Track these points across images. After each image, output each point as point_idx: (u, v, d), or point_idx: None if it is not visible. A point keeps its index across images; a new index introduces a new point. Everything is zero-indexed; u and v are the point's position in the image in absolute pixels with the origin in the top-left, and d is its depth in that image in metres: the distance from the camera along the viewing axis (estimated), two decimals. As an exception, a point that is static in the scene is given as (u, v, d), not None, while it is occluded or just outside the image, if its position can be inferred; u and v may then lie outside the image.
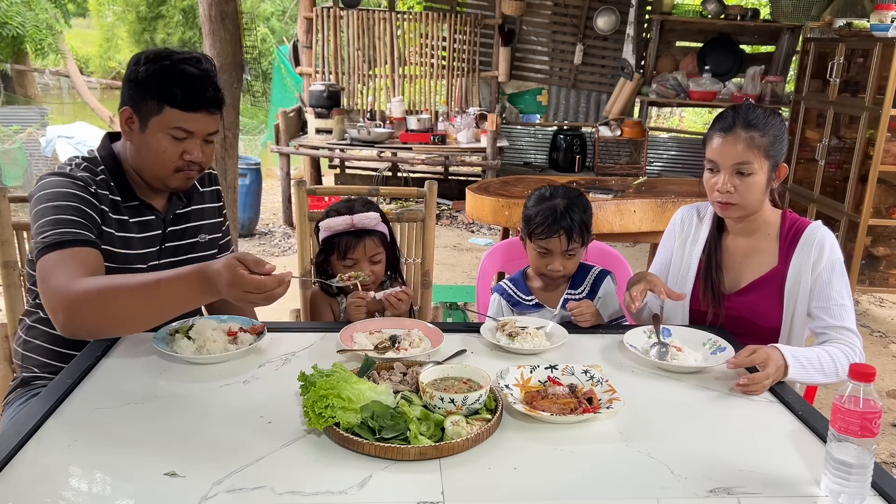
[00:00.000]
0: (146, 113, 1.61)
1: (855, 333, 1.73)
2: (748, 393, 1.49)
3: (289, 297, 1.52)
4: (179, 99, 1.59)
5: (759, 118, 1.75)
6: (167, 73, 1.59)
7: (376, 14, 6.71)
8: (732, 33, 6.58)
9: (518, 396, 1.42)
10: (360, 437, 1.21)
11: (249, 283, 1.34)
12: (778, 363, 1.53)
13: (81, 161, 1.70)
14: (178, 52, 1.64)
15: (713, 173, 1.80)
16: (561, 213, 1.91)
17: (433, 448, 1.20)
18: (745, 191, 1.75)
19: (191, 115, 1.61)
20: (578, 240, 1.93)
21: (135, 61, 1.64)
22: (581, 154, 6.72)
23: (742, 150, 1.73)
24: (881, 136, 4.15)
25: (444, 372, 1.42)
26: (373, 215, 1.95)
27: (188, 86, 1.60)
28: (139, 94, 1.61)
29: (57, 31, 10.42)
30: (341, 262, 1.96)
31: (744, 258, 1.87)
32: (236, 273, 1.34)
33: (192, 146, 1.65)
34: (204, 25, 3.32)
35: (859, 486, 1.10)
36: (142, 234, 1.72)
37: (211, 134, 1.68)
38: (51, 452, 1.21)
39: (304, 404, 1.26)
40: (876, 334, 4.31)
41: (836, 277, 1.76)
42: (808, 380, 1.61)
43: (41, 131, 7.76)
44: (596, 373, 1.47)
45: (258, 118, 11.49)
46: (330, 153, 6.09)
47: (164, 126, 1.61)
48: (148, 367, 1.54)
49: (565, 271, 1.97)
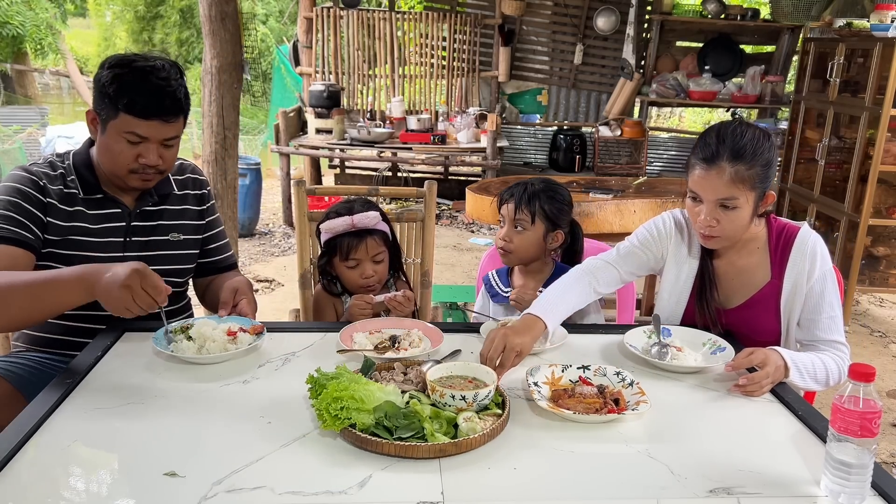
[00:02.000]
0: (105, 116, 1.69)
1: (845, 346, 1.70)
2: (747, 394, 1.49)
3: (289, 296, 1.52)
4: (133, 106, 1.65)
5: (746, 148, 1.61)
6: (124, 80, 1.65)
7: (376, 14, 6.71)
8: (732, 33, 6.59)
9: (545, 394, 1.43)
10: (378, 438, 1.21)
11: (151, 280, 1.45)
12: (777, 364, 1.53)
13: (50, 156, 1.81)
14: (142, 60, 1.69)
15: (696, 202, 1.68)
16: (524, 187, 2.01)
17: (452, 445, 1.21)
18: (728, 224, 1.65)
19: (144, 122, 1.67)
20: (526, 215, 1.98)
21: (101, 65, 1.71)
22: (581, 154, 6.72)
23: (727, 184, 1.61)
24: (881, 136, 4.14)
25: (449, 370, 1.43)
26: (373, 214, 1.94)
27: (143, 94, 1.65)
28: (100, 98, 1.68)
29: (57, 31, 10.43)
30: (344, 262, 1.95)
31: (737, 276, 1.80)
32: (145, 270, 1.45)
33: (147, 150, 1.70)
34: (204, 25, 3.32)
35: (859, 486, 1.10)
36: (100, 224, 1.77)
37: (169, 139, 1.73)
38: (51, 452, 1.21)
39: (318, 406, 1.26)
40: (876, 334, 4.31)
41: (829, 289, 1.71)
42: (803, 385, 1.59)
43: (41, 131, 7.77)
44: (628, 375, 1.47)
45: (258, 118, 11.49)
46: (330, 153, 6.09)
47: (119, 130, 1.67)
48: (148, 367, 1.54)
49: (512, 247, 2.00)
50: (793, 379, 1.56)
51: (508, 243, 2.01)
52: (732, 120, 1.73)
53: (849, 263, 4.33)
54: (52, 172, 1.76)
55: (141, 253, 1.80)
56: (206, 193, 1.99)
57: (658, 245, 1.86)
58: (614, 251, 1.89)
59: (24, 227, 1.67)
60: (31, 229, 1.68)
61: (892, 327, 4.45)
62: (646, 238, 1.87)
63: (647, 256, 1.86)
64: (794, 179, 5.19)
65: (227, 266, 2.04)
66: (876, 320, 4.57)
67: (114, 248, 1.78)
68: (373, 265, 1.95)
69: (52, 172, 1.76)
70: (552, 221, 2.01)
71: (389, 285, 2.06)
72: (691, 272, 1.83)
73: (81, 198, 1.76)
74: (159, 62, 1.70)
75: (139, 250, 1.81)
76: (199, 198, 1.96)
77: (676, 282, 1.85)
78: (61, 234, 1.72)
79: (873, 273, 4.66)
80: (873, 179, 4.22)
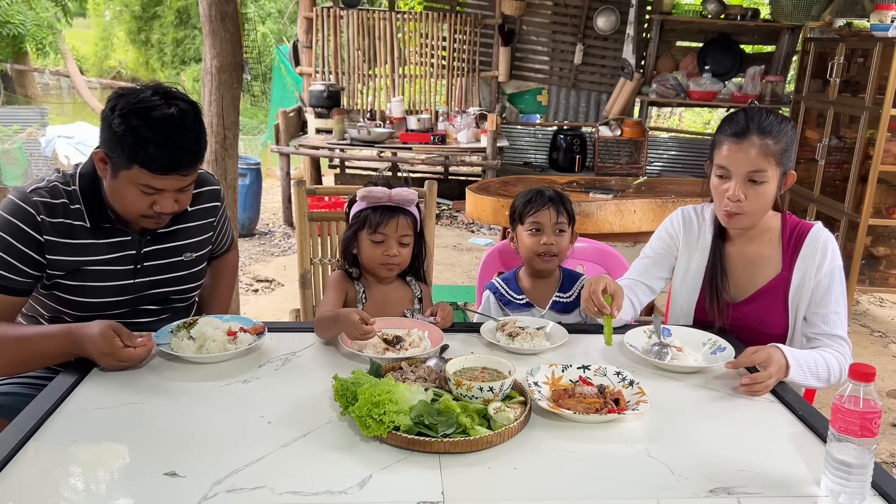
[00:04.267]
0: (117, 164, 1.55)
1: (847, 342, 1.71)
2: (751, 394, 1.49)
3: (289, 296, 1.53)
4: (149, 164, 1.53)
5: (772, 124, 1.67)
6: (139, 133, 1.50)
7: (376, 14, 6.71)
8: (732, 33, 6.58)
9: (545, 394, 1.43)
10: (428, 437, 1.22)
11: (123, 356, 1.49)
12: (780, 363, 1.53)
13: (54, 180, 1.65)
14: (158, 105, 1.53)
15: (723, 180, 1.72)
16: (548, 193, 2.04)
17: (496, 435, 1.25)
18: (755, 199, 1.69)
19: (161, 177, 1.55)
20: (566, 217, 2.01)
21: (111, 106, 1.55)
22: (581, 154, 6.72)
23: (756, 157, 1.66)
24: (881, 136, 4.14)
25: (462, 364, 1.46)
26: (411, 192, 1.87)
27: (160, 150, 1.52)
28: (111, 143, 1.54)
29: (57, 31, 10.43)
30: (370, 236, 1.85)
31: (748, 266, 1.83)
32: (113, 344, 1.48)
33: (163, 199, 1.60)
34: (204, 25, 3.31)
35: (859, 486, 1.10)
36: (109, 254, 1.69)
37: (185, 187, 1.63)
38: (51, 452, 1.21)
39: (358, 413, 1.24)
40: (876, 334, 4.31)
41: (836, 285, 1.73)
42: (804, 382, 1.60)
43: (41, 131, 7.76)
44: (629, 375, 1.48)
45: (258, 118, 11.48)
46: (330, 153, 6.09)
47: (133, 181, 1.56)
48: (148, 366, 1.54)
49: (557, 248, 2.00)
50: (793, 376, 1.56)
51: (552, 246, 1.99)
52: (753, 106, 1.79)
53: (849, 263, 4.33)
54: (53, 201, 1.62)
55: (152, 277, 1.75)
56: (216, 206, 1.90)
57: (672, 246, 1.93)
58: (632, 269, 1.97)
59: (14, 270, 1.58)
60: (22, 271, 1.59)
61: (892, 327, 4.45)
62: (659, 244, 1.95)
63: (667, 260, 1.94)
64: (794, 179, 5.19)
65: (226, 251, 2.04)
66: (876, 320, 4.57)
67: (123, 276, 1.72)
68: (398, 246, 1.86)
69: (53, 201, 1.62)
70: (573, 221, 2.06)
71: (409, 282, 1.99)
72: (702, 262, 1.87)
73: (88, 228, 1.66)
74: (176, 108, 1.54)
75: (150, 275, 1.75)
76: (213, 210, 1.88)
77: (687, 273, 1.89)
78: (66, 268, 1.64)
79: (873, 273, 4.66)
80: (873, 179, 4.22)
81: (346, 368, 1.48)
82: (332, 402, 1.38)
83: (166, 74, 16.23)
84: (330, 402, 1.39)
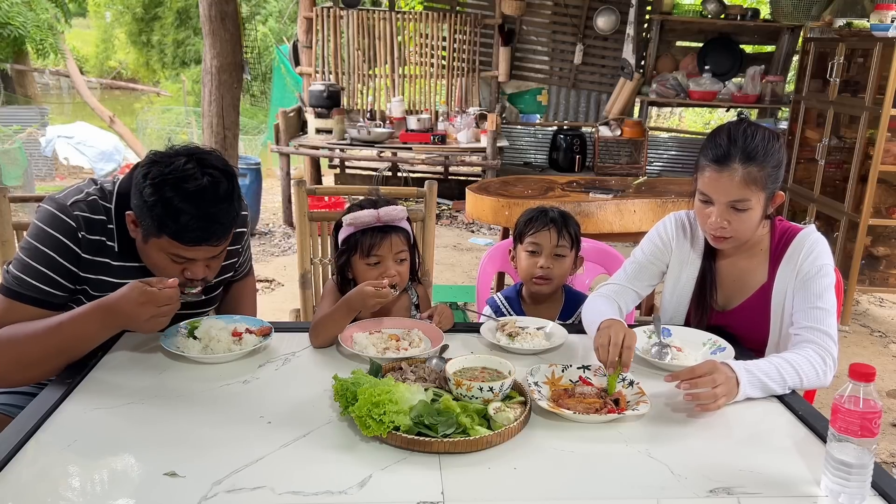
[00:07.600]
0: (147, 231, 1.53)
1: (830, 337, 1.58)
2: (702, 408, 1.38)
3: (289, 296, 1.53)
4: (181, 237, 1.50)
5: (758, 149, 1.58)
6: (171, 205, 1.46)
7: (376, 14, 6.71)
8: (732, 33, 6.58)
9: (545, 394, 1.43)
10: (427, 437, 1.22)
11: (162, 297, 1.43)
12: (727, 374, 1.41)
13: (93, 193, 1.61)
14: (190, 177, 1.47)
15: (706, 205, 1.65)
16: (551, 214, 2.01)
17: (496, 435, 1.24)
18: (739, 225, 1.63)
19: (192, 248, 1.53)
20: (567, 241, 1.97)
21: (144, 172, 1.51)
22: (581, 154, 6.72)
23: (738, 186, 1.58)
24: (881, 135, 4.14)
25: (461, 364, 1.46)
26: (399, 209, 1.80)
27: (192, 222, 1.48)
28: (142, 211, 1.50)
29: (58, 31, 10.42)
30: (364, 259, 1.80)
31: (738, 277, 1.79)
32: (146, 291, 1.42)
33: (193, 267, 1.57)
34: (204, 25, 3.32)
35: (859, 486, 1.10)
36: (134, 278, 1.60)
37: (217, 255, 1.60)
38: (51, 452, 1.21)
39: (358, 413, 1.24)
40: (876, 334, 4.31)
41: (819, 280, 1.64)
42: (766, 392, 1.48)
43: (41, 131, 7.77)
44: (628, 375, 1.47)
45: (258, 118, 11.48)
46: (330, 153, 6.09)
47: (163, 249, 1.54)
48: (148, 366, 1.54)
49: (554, 273, 1.97)
50: (746, 390, 1.43)
51: (548, 270, 1.96)
52: (740, 120, 1.70)
53: (849, 263, 4.33)
54: (92, 217, 1.58)
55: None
56: (246, 230, 1.86)
57: (664, 252, 1.87)
58: (622, 272, 1.90)
59: (55, 285, 1.55)
60: (61, 285, 1.56)
61: (892, 327, 4.45)
62: (651, 249, 1.88)
63: (656, 267, 1.88)
64: (794, 179, 5.19)
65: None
66: (876, 320, 4.56)
67: None
68: (395, 265, 1.81)
69: (92, 217, 1.58)
70: (576, 244, 2.03)
71: (409, 290, 1.96)
72: (693, 273, 1.83)
73: (116, 251, 1.62)
74: (209, 178, 1.49)
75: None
76: (240, 236, 1.83)
77: (678, 283, 1.85)
78: (92, 284, 1.62)
79: (873, 273, 4.66)
80: (873, 179, 4.22)
81: (346, 368, 1.47)
82: (332, 402, 1.38)
83: (166, 75, 16.25)
84: (330, 402, 1.39)
